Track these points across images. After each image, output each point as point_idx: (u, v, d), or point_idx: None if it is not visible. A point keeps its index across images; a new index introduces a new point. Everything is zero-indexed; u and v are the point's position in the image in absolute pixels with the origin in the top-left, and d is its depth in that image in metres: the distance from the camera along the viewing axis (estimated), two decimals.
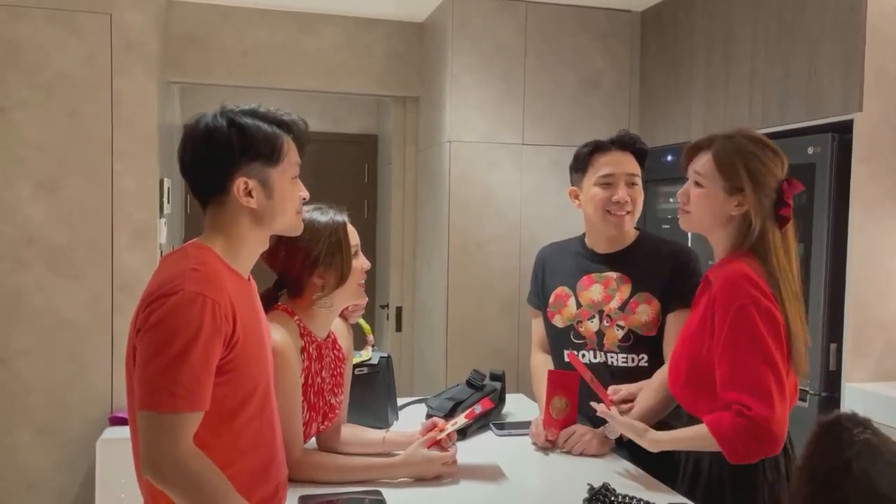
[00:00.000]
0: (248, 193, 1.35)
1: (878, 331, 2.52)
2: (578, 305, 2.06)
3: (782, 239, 1.63)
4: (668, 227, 3.55)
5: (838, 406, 2.53)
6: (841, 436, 0.95)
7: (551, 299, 2.12)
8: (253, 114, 1.37)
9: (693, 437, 1.60)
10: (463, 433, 1.97)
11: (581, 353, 2.05)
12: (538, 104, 3.65)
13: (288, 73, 3.80)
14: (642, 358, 2.00)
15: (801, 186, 1.67)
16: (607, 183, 2.02)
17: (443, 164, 3.62)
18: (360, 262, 1.71)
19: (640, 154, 2.07)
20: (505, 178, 3.62)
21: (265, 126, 1.36)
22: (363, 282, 1.73)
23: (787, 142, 2.72)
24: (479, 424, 2.05)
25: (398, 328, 4.18)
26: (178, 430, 1.22)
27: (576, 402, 1.94)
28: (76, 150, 3.02)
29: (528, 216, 3.65)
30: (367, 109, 5.20)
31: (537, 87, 3.65)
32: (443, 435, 1.70)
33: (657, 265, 2.01)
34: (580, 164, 2.09)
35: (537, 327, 2.23)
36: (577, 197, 2.12)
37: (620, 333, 2.01)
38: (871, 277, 2.51)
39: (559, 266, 2.15)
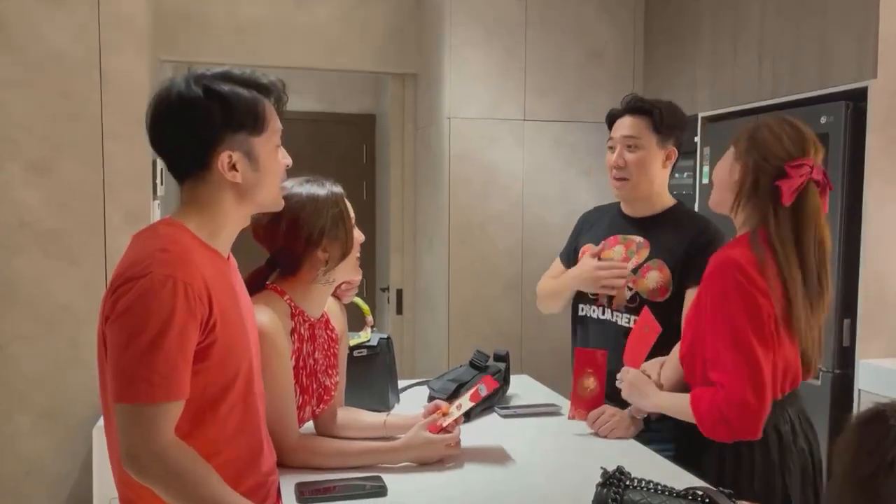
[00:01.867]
0: (233, 167, 1.26)
1: (892, 306, 2.45)
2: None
3: (791, 215, 1.60)
4: None
5: (852, 383, 2.47)
6: (886, 433, 0.89)
7: (579, 255, 2.15)
8: (228, 78, 1.26)
9: (677, 407, 1.67)
10: (466, 416, 1.90)
11: (592, 307, 2.08)
12: (540, 78, 3.56)
13: (283, 50, 3.70)
14: None
15: (824, 173, 1.63)
16: (610, 147, 2.07)
17: (442, 142, 3.53)
18: (358, 234, 1.67)
19: (649, 115, 2.01)
20: (506, 155, 3.54)
21: (244, 92, 1.26)
22: (359, 255, 1.68)
23: (799, 111, 2.63)
24: (483, 406, 1.98)
25: (399, 311, 4.11)
26: (158, 421, 1.15)
27: (604, 380, 1.89)
28: (66, 131, 2.94)
29: (530, 194, 3.58)
30: (364, 89, 5.10)
31: (539, 60, 3.55)
32: (449, 420, 1.63)
33: (678, 237, 1.99)
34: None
35: (557, 266, 2.26)
36: None
37: (628, 294, 2.00)
38: (886, 251, 2.43)
39: (595, 226, 2.19)
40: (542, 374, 2.55)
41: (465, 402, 1.67)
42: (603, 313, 2.06)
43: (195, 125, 1.24)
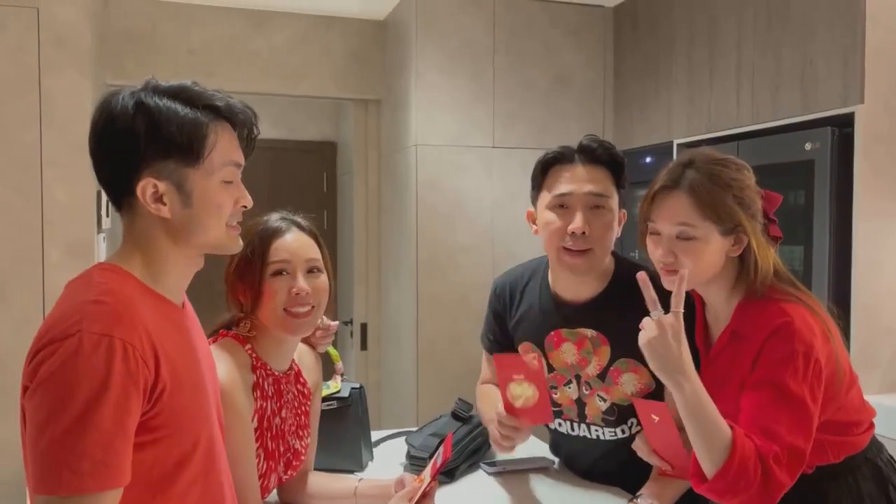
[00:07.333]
0: (159, 199, 1.05)
1: (886, 338, 2.35)
2: (550, 369, 1.66)
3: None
4: None
5: None
6: None
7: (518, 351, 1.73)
8: (176, 94, 1.06)
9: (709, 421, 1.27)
10: (451, 474, 1.71)
11: (557, 422, 1.71)
12: (508, 104, 3.44)
13: (239, 74, 3.52)
14: (632, 423, 1.63)
15: (779, 197, 1.45)
16: (562, 205, 1.56)
17: (409, 170, 3.38)
18: (285, 284, 1.37)
19: (615, 168, 1.59)
20: (475, 183, 3.40)
21: (185, 112, 1.05)
22: (301, 310, 1.37)
23: (782, 138, 2.55)
24: (468, 463, 1.80)
25: (363, 346, 3.91)
26: None
27: (545, 386, 1.48)
28: (0, 157, 2.70)
29: (500, 223, 3.43)
30: (324, 115, 4.93)
31: (507, 86, 3.43)
32: (419, 494, 1.38)
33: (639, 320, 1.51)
34: (535, 180, 1.65)
35: (488, 368, 1.85)
36: (534, 221, 1.66)
37: (604, 406, 1.62)
38: (877, 281, 2.33)
39: (526, 315, 1.70)
40: None
41: (427, 475, 1.39)
42: (573, 429, 1.69)
43: (115, 142, 1.05)
